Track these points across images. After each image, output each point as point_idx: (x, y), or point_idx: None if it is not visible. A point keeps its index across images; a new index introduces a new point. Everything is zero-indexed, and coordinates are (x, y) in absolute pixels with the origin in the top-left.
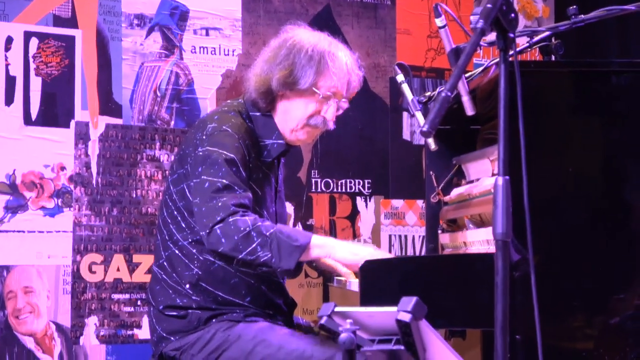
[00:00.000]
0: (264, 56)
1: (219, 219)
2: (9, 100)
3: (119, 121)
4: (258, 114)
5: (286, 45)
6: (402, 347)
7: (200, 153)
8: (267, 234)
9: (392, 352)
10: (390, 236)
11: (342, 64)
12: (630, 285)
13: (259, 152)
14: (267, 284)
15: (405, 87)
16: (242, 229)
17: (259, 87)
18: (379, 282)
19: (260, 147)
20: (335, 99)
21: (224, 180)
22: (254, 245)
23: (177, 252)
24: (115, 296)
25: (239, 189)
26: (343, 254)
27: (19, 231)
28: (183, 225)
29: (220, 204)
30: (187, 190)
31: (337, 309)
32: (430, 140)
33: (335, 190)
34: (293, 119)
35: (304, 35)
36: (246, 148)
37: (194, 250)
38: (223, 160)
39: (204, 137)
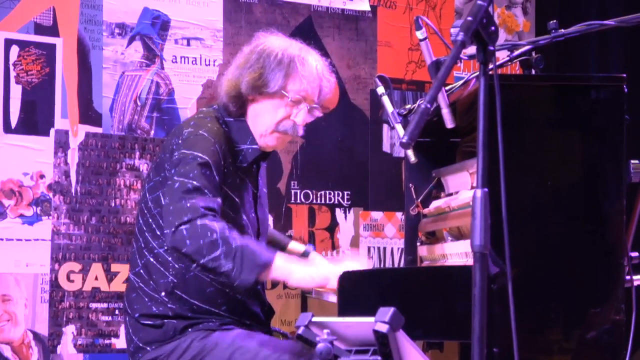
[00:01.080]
0: (236, 62)
1: (186, 219)
2: None
3: (98, 130)
4: (232, 119)
5: (257, 50)
6: (379, 358)
7: (176, 156)
8: (233, 245)
9: None
10: (369, 248)
11: (312, 68)
12: (607, 299)
13: (235, 158)
14: (243, 292)
15: (386, 100)
16: (209, 234)
17: (230, 91)
18: (357, 293)
19: (236, 153)
20: (306, 103)
21: (195, 182)
22: (217, 253)
23: (152, 260)
24: (93, 305)
25: (210, 193)
26: (301, 277)
27: None
28: (158, 232)
29: (189, 205)
30: (162, 197)
31: (315, 319)
32: (410, 153)
33: (314, 201)
34: (262, 123)
35: (275, 41)
36: (222, 153)
37: (170, 258)
38: (196, 163)
39: (179, 141)
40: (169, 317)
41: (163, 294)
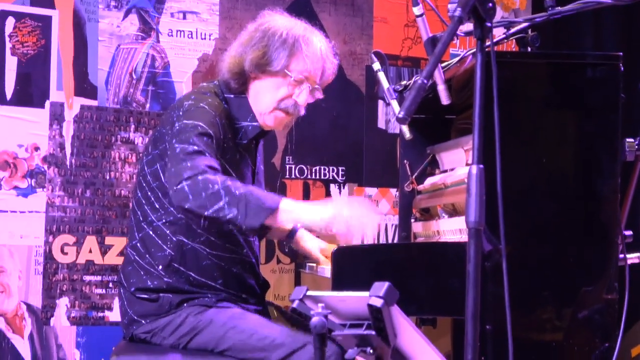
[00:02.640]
0: (240, 39)
1: (186, 176)
2: None
3: (94, 103)
4: (232, 95)
5: (261, 29)
6: (373, 332)
7: (177, 127)
8: (237, 192)
9: (363, 336)
10: None
11: (316, 49)
12: (600, 278)
13: (235, 134)
14: (239, 266)
15: (382, 76)
16: (210, 186)
17: (232, 67)
18: (350, 268)
19: (236, 129)
20: (308, 83)
21: (196, 147)
22: (221, 204)
23: (151, 232)
24: (87, 278)
25: (210, 155)
26: (311, 218)
27: None
28: (157, 205)
29: (189, 164)
30: (160, 171)
31: (309, 293)
32: (405, 129)
33: (309, 176)
34: (264, 101)
35: (279, 20)
36: (222, 127)
37: (168, 231)
38: (197, 131)
39: (180, 113)
40: (164, 290)
41: (160, 267)
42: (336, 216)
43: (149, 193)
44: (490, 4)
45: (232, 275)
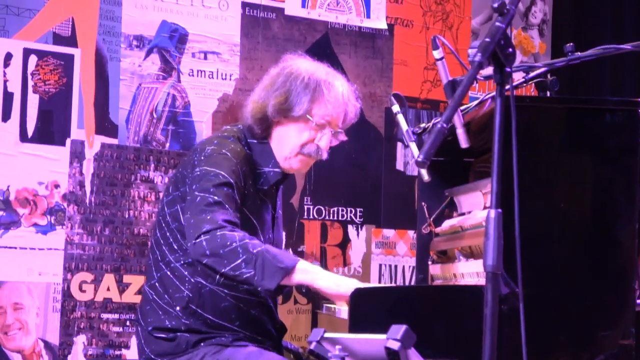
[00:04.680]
0: (262, 84)
1: (205, 230)
2: (5, 117)
3: (114, 141)
4: (255, 141)
5: (284, 73)
6: None
7: (197, 172)
8: (254, 251)
9: None
10: (380, 265)
11: (338, 94)
12: (616, 324)
13: (256, 180)
14: (257, 309)
15: (401, 118)
16: (228, 243)
17: (255, 113)
18: (368, 309)
19: (257, 175)
20: (330, 128)
21: (216, 197)
22: (238, 261)
23: (169, 273)
24: (105, 316)
25: (230, 208)
26: (327, 284)
27: (10, 247)
28: (175, 246)
29: (209, 217)
30: (180, 212)
31: (327, 334)
32: (424, 171)
33: (327, 217)
34: (287, 146)
35: (302, 64)
36: (243, 175)
37: (186, 272)
38: (218, 180)
39: (202, 158)
40: (182, 330)
41: (178, 308)
42: (350, 288)
43: (168, 234)
44: (510, 49)
45: (250, 318)
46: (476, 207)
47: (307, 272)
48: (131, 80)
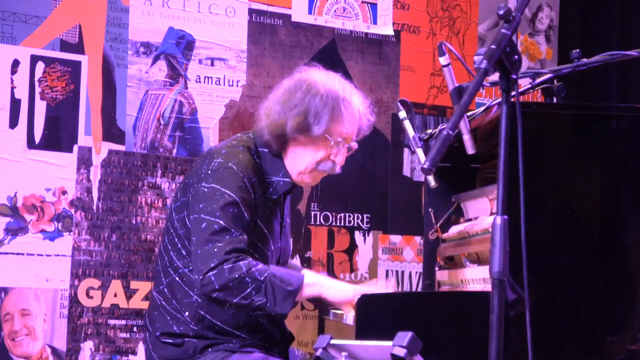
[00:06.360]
0: (278, 97)
1: (212, 265)
2: (13, 123)
3: (121, 147)
4: (266, 150)
5: (301, 89)
6: None
7: (204, 189)
8: (262, 278)
9: None
10: (387, 271)
11: (355, 111)
12: (623, 329)
13: (265, 189)
14: (265, 317)
15: (407, 124)
16: (236, 275)
17: (273, 130)
18: (374, 316)
19: (266, 184)
20: (346, 143)
21: (221, 222)
22: (248, 290)
23: (177, 279)
24: (112, 322)
25: (236, 232)
26: (333, 292)
27: (18, 253)
28: (184, 252)
29: (215, 250)
30: (187, 219)
31: (333, 341)
32: (430, 178)
33: (334, 223)
34: (302, 162)
35: (318, 77)
36: (252, 186)
37: (194, 278)
38: (224, 201)
39: (209, 171)
40: (189, 336)
41: (186, 314)
42: (356, 295)
43: (176, 239)
44: (516, 57)
45: (258, 325)
46: (483, 212)
47: (314, 285)
48: (138, 86)
